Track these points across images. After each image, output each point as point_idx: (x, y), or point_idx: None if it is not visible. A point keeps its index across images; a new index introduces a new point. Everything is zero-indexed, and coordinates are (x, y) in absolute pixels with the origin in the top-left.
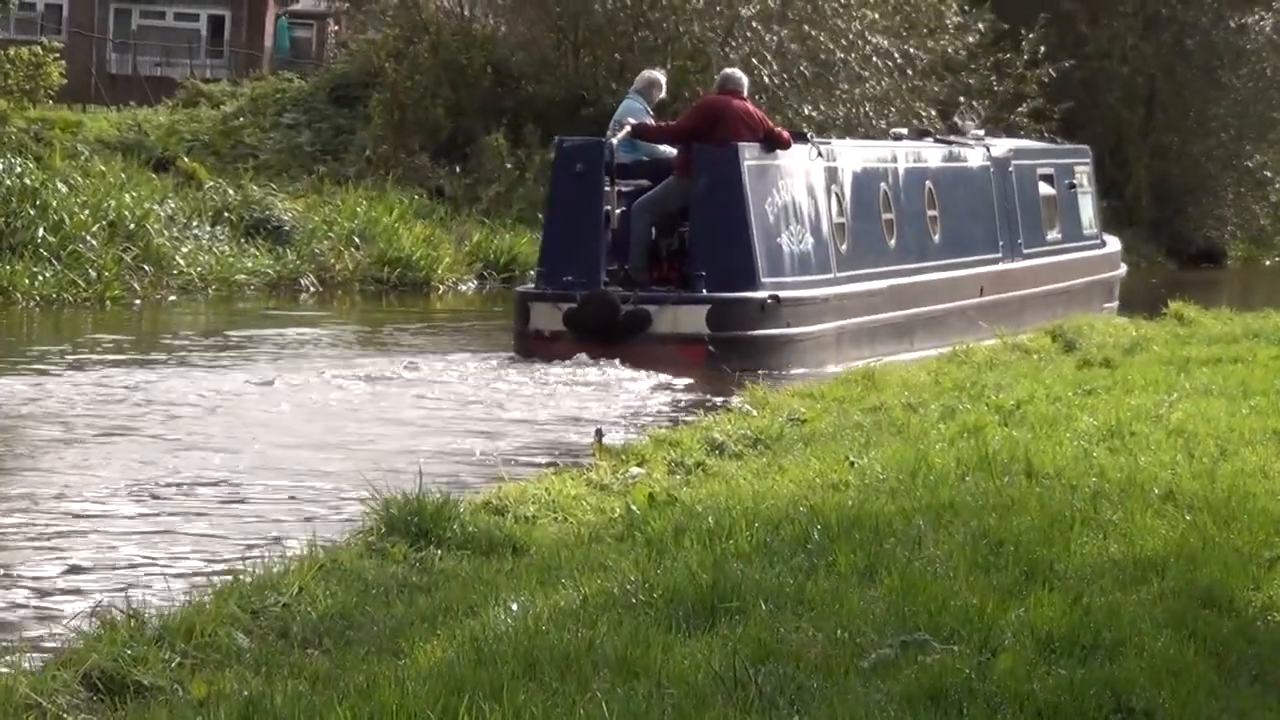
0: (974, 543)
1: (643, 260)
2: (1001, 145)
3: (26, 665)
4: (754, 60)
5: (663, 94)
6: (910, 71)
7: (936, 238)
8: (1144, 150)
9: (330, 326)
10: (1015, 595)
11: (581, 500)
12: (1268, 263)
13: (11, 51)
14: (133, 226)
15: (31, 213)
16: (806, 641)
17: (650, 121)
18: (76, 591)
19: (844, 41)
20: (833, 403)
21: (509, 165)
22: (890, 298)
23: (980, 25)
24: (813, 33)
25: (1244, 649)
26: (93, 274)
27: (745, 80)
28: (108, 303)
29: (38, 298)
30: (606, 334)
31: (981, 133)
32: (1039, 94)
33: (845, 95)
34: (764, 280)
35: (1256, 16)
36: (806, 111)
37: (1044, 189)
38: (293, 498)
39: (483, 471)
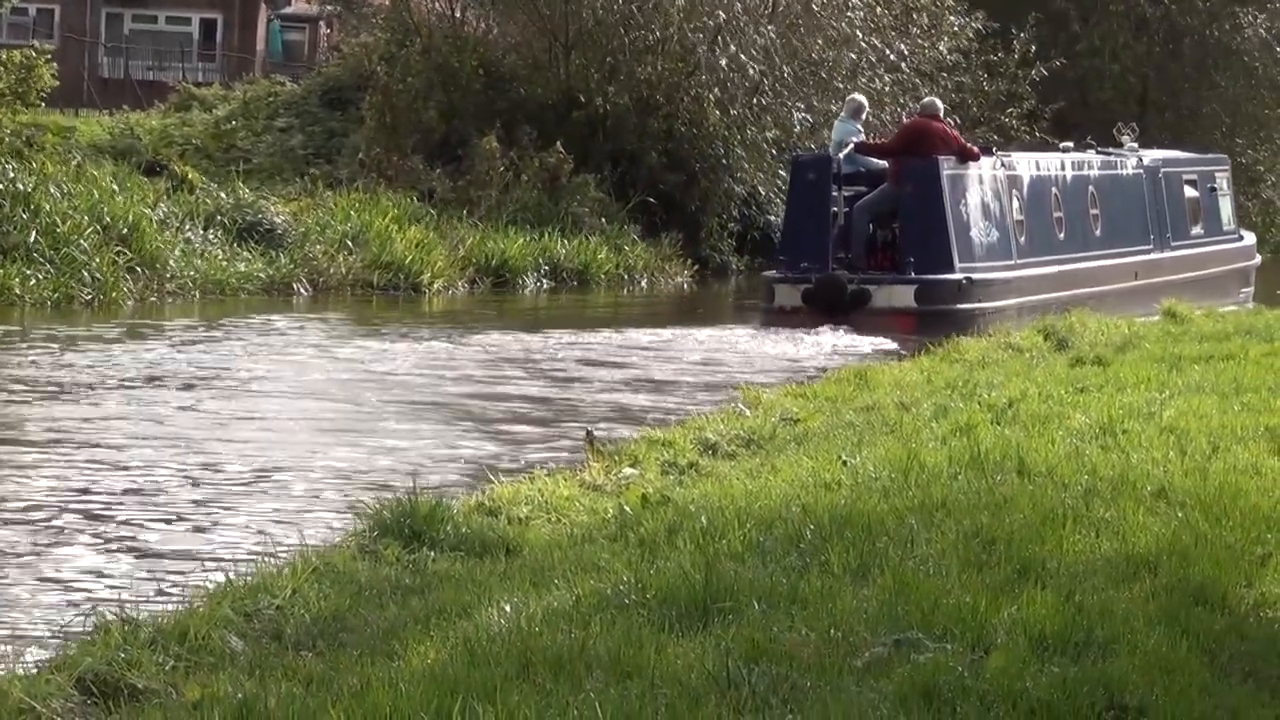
0: (966, 541)
1: (863, 250)
2: (1152, 155)
3: (20, 669)
4: (743, 58)
5: (867, 111)
6: (902, 70)
7: (1097, 232)
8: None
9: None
10: (1008, 593)
11: (574, 501)
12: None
13: (3, 55)
14: (125, 230)
15: (24, 216)
16: (800, 641)
17: (863, 138)
18: (70, 594)
19: (834, 35)
20: (825, 402)
21: (503, 168)
22: (1060, 280)
23: (976, 25)
24: (802, 31)
25: (1236, 646)
26: (87, 277)
27: (941, 105)
28: (119, 305)
29: (35, 300)
30: (836, 309)
31: (1136, 144)
32: (1031, 94)
33: (839, 90)
34: (959, 265)
35: (1249, 15)
36: (799, 112)
37: (1189, 191)
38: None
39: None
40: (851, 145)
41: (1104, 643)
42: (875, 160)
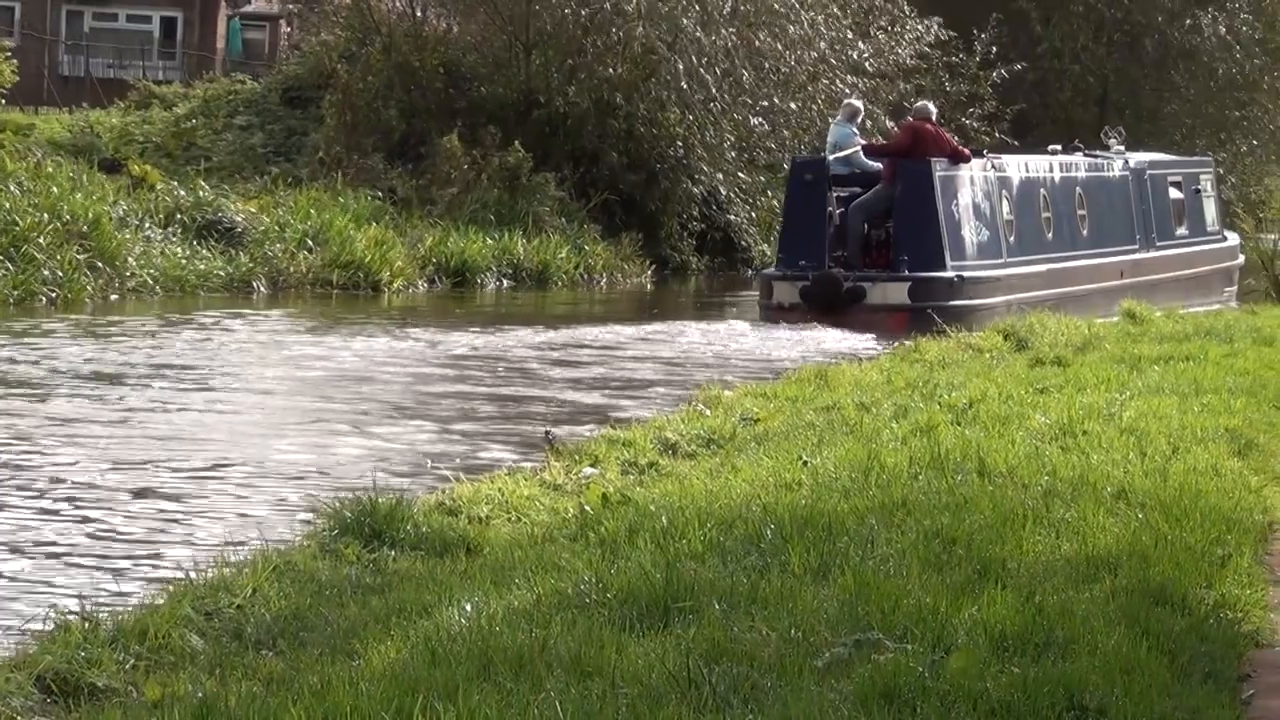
0: (927, 541)
1: (858, 249)
2: (1137, 158)
3: None
4: (702, 62)
5: (862, 115)
6: (864, 72)
7: (1084, 232)
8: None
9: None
10: (968, 594)
11: (535, 500)
12: None
13: None
14: (85, 228)
15: None
16: (760, 641)
17: (860, 141)
18: (30, 592)
19: (794, 38)
20: (786, 402)
21: (465, 166)
22: (1048, 278)
23: (936, 27)
24: (763, 33)
25: (1196, 646)
26: (48, 274)
27: (934, 109)
28: (80, 302)
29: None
30: (832, 306)
31: (1122, 147)
32: (991, 95)
33: (799, 91)
34: (951, 264)
35: (1209, 16)
36: (758, 116)
37: (1174, 193)
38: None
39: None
40: (857, 149)
41: (1064, 643)
42: (869, 162)
